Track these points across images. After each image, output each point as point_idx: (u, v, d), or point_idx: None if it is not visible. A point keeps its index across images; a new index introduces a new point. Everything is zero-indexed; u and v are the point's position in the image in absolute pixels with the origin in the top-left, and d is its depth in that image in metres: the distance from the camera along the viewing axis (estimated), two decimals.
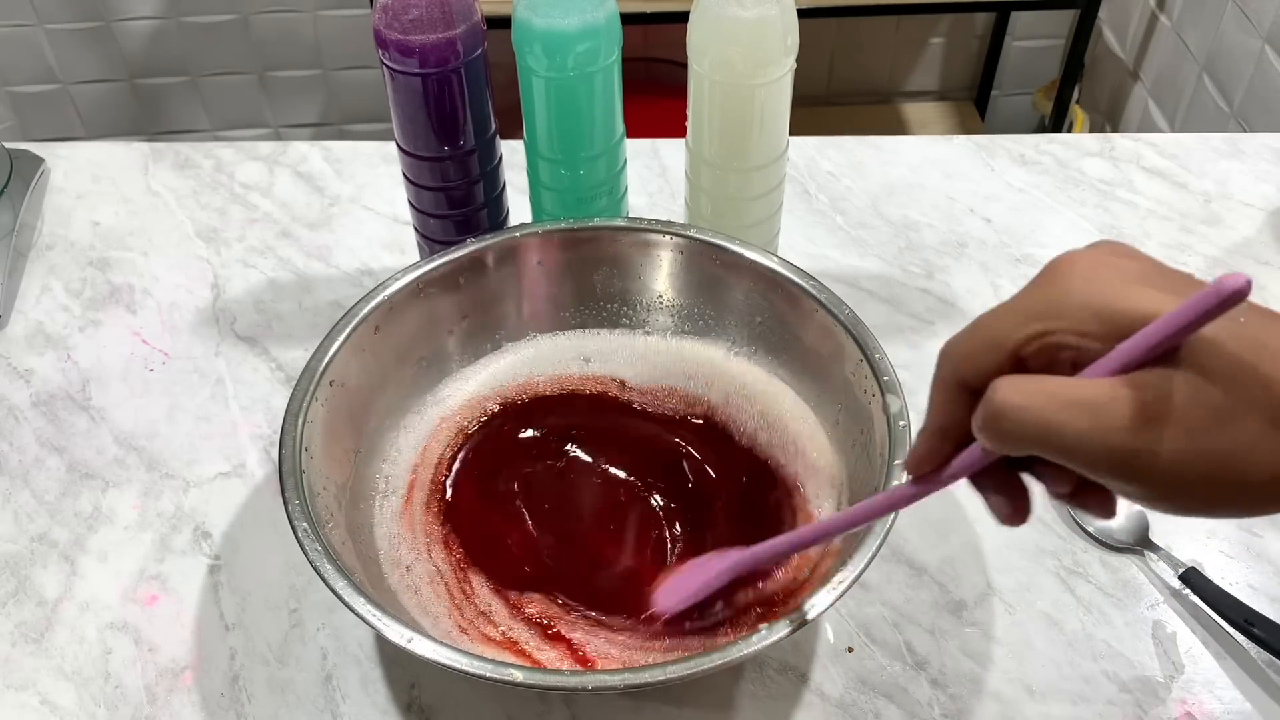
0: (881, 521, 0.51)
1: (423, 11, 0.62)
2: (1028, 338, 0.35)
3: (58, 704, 0.58)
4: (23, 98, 1.93)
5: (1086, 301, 0.34)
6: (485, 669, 0.48)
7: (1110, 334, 0.33)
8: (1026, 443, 0.34)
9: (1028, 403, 0.33)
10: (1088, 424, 0.32)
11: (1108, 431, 0.32)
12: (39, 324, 0.78)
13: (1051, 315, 0.35)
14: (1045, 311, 0.35)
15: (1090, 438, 0.32)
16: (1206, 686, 0.58)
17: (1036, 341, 0.35)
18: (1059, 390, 0.33)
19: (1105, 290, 0.34)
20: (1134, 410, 0.32)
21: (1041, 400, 0.33)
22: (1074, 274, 0.35)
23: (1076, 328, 0.34)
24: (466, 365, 0.68)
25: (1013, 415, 0.33)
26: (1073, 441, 0.33)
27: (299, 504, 0.53)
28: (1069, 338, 0.34)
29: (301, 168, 0.91)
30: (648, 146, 0.91)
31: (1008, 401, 0.33)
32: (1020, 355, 0.35)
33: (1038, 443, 0.33)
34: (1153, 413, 0.32)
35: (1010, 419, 0.33)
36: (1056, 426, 0.33)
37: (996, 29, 1.92)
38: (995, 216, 0.86)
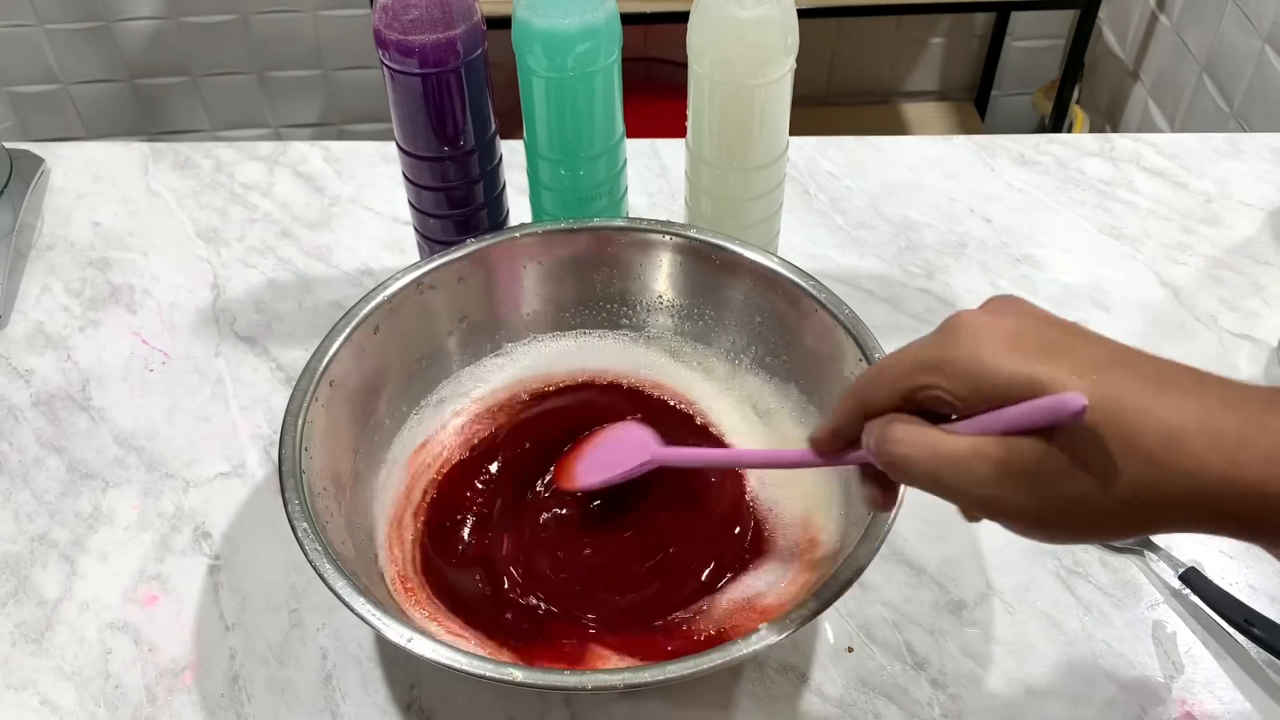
0: (881, 522, 0.51)
1: (423, 11, 0.62)
2: (915, 387, 0.42)
3: (58, 704, 0.58)
4: (23, 98, 1.93)
5: (960, 366, 0.40)
6: (485, 669, 0.48)
7: (976, 400, 0.40)
8: (914, 483, 0.42)
9: (912, 454, 0.41)
10: (958, 476, 0.40)
11: (972, 483, 0.40)
12: (39, 324, 0.78)
13: (936, 371, 0.41)
14: (931, 366, 0.41)
15: (960, 487, 0.40)
16: (1206, 686, 0.58)
17: (922, 391, 0.42)
18: (937, 445, 0.40)
19: (978, 359, 0.40)
20: (990, 468, 0.39)
21: (923, 453, 0.41)
22: (959, 337, 0.41)
23: (951, 389, 0.41)
24: (466, 365, 0.68)
25: (903, 463, 0.41)
26: (949, 486, 0.41)
27: (299, 504, 0.53)
28: (943, 393, 0.41)
29: (301, 168, 0.91)
30: (648, 146, 0.91)
31: (898, 453, 0.41)
32: (911, 396, 0.42)
33: (922, 484, 0.41)
34: (1005, 470, 0.39)
35: (901, 465, 0.42)
36: (936, 476, 0.41)
37: (996, 29, 1.92)
38: (995, 216, 0.86)
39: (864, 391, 0.44)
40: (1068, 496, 0.38)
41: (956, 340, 0.41)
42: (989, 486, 0.39)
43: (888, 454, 0.42)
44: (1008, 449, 0.39)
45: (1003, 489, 0.39)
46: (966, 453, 0.40)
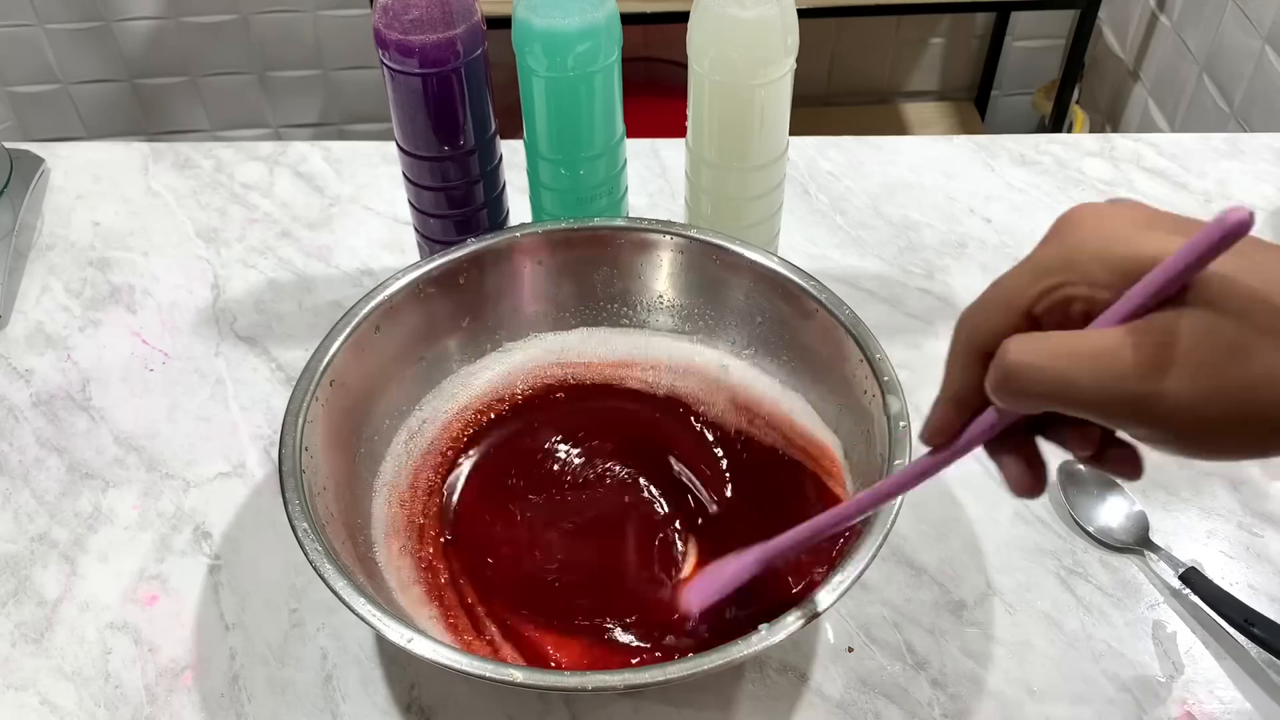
0: (882, 521, 0.51)
1: (423, 11, 0.62)
2: (1039, 294, 0.35)
3: (58, 704, 0.58)
4: (23, 98, 1.93)
5: (1095, 251, 0.34)
6: (485, 669, 0.48)
7: (1119, 282, 0.33)
8: (1041, 399, 0.34)
9: (1037, 360, 0.33)
10: (1098, 373, 0.32)
11: (1118, 378, 0.32)
12: (39, 324, 0.78)
13: (1061, 269, 0.34)
14: (1055, 266, 0.35)
15: (1102, 386, 0.32)
16: (1206, 686, 0.58)
17: (1047, 298, 0.35)
18: (1067, 344, 0.33)
19: (1113, 238, 0.34)
20: (1143, 354, 0.32)
21: (1050, 356, 0.33)
22: (1082, 226, 0.35)
23: (1086, 278, 0.34)
24: (466, 365, 0.68)
25: (1024, 373, 0.33)
26: (1086, 392, 0.33)
27: (299, 504, 0.53)
28: (1079, 289, 0.34)
29: (301, 168, 0.91)
30: (648, 146, 0.91)
31: (1019, 361, 0.33)
32: (1033, 314, 0.35)
33: (1052, 397, 0.33)
34: (1162, 355, 0.32)
35: (1023, 377, 0.33)
36: (1068, 379, 0.33)
37: (996, 29, 1.92)
38: (995, 216, 0.86)
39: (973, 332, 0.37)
40: (1241, 380, 0.32)
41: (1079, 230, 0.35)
42: (1145, 378, 0.32)
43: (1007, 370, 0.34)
44: (1161, 325, 0.32)
45: (1162, 377, 0.32)
46: (1110, 343, 0.32)
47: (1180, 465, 0.68)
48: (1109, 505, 0.65)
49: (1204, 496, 0.66)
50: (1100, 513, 0.65)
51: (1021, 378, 0.33)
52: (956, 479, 0.67)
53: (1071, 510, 0.65)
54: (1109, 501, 0.65)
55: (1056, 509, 0.66)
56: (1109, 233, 0.34)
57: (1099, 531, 0.64)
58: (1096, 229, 0.34)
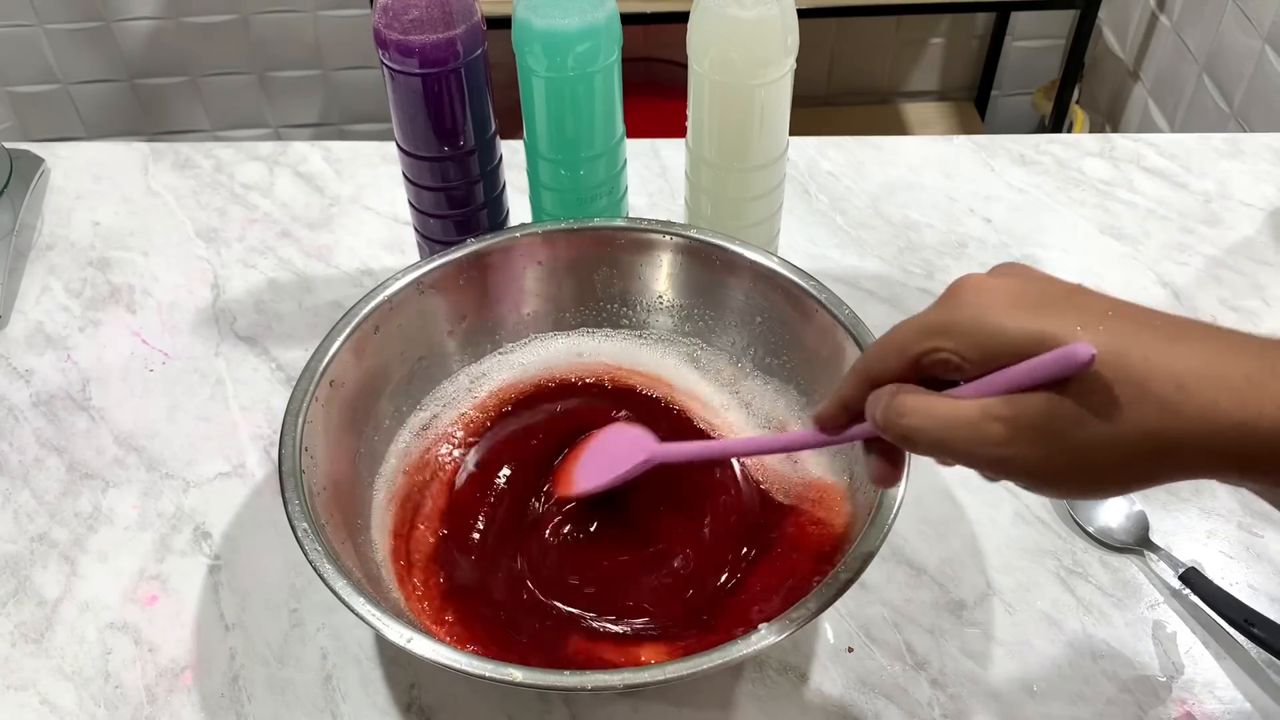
0: (882, 521, 0.51)
1: (423, 11, 0.62)
2: (922, 352, 0.42)
3: (58, 704, 0.58)
4: (23, 98, 1.93)
5: (969, 327, 0.41)
6: (485, 669, 0.48)
7: (984, 359, 0.40)
8: (926, 452, 0.42)
9: (922, 424, 0.41)
10: (968, 440, 0.40)
11: (982, 445, 0.40)
12: (39, 324, 0.78)
13: (940, 336, 0.41)
14: (937, 331, 0.41)
15: (971, 450, 0.40)
16: (1206, 686, 0.58)
17: (929, 356, 0.42)
18: (945, 412, 0.41)
19: (986, 317, 0.40)
20: (999, 427, 0.39)
21: (931, 421, 0.41)
22: (964, 298, 0.41)
23: (958, 350, 0.41)
24: (466, 365, 0.68)
25: (913, 434, 0.41)
26: (958, 452, 0.41)
27: (299, 504, 0.53)
28: (952, 356, 0.41)
29: (301, 168, 0.91)
30: (648, 146, 0.91)
31: (908, 425, 0.41)
32: (919, 364, 0.42)
33: (933, 452, 0.42)
34: (1014, 428, 0.39)
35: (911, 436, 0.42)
36: (947, 443, 0.41)
37: (996, 29, 1.92)
38: (995, 216, 0.86)
39: (870, 363, 0.44)
40: (1079, 446, 0.38)
41: (961, 301, 0.41)
42: (1001, 446, 0.39)
43: (897, 426, 0.42)
44: (1017, 406, 0.39)
45: (1015, 447, 0.39)
46: (975, 415, 0.40)
47: None
48: (1109, 505, 0.65)
49: (1204, 496, 0.66)
50: (1100, 513, 0.65)
51: (911, 438, 0.42)
52: (957, 479, 0.67)
53: (1071, 510, 0.65)
54: (1109, 502, 0.65)
55: (1056, 509, 0.66)
56: (983, 311, 0.40)
57: (1099, 531, 0.64)
58: (975, 304, 0.41)
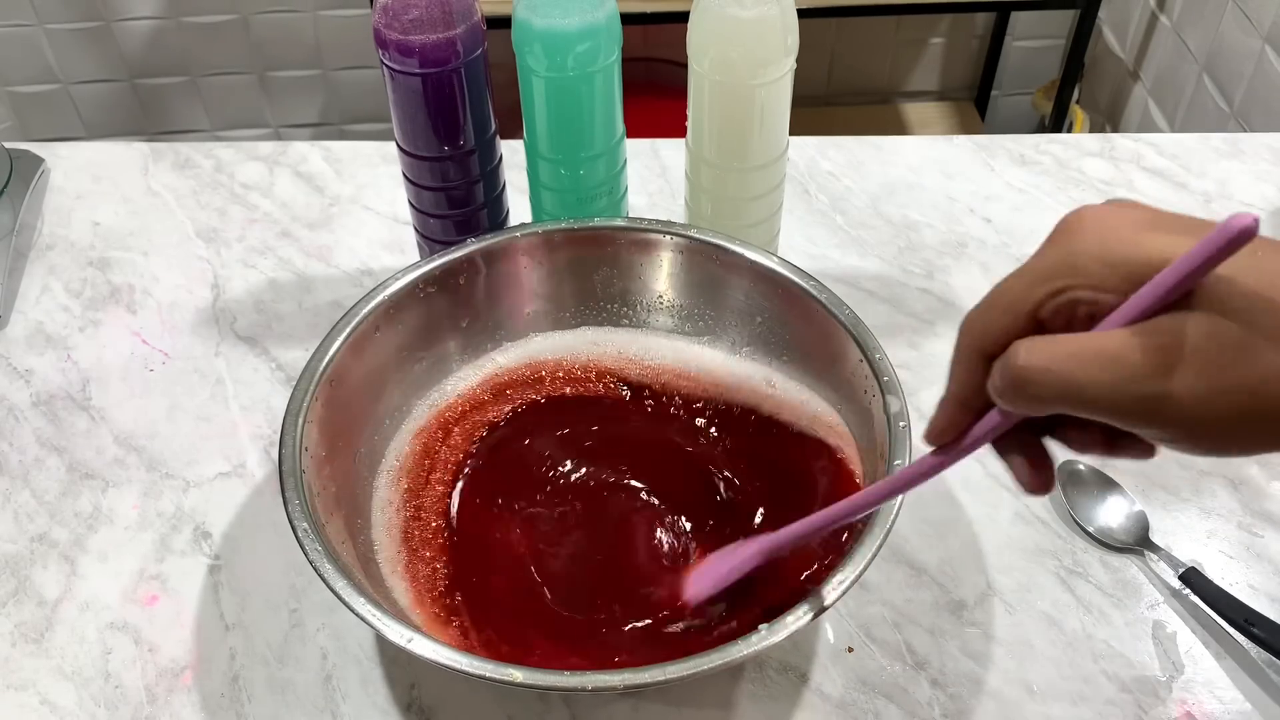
0: (882, 521, 0.51)
1: (423, 11, 0.62)
2: (1044, 297, 0.35)
3: (58, 704, 0.58)
4: (23, 98, 1.93)
5: (1098, 254, 0.34)
6: (485, 669, 0.48)
7: (1124, 284, 0.34)
8: (1051, 402, 0.34)
9: (1046, 363, 0.33)
10: (1108, 376, 0.33)
11: (1128, 381, 0.33)
12: (39, 324, 0.78)
13: (1065, 273, 0.35)
14: (1058, 270, 0.35)
15: (1112, 389, 0.33)
16: (1206, 686, 0.58)
17: (1052, 301, 0.35)
18: (1076, 347, 0.33)
19: (1116, 241, 0.34)
20: (1150, 356, 0.32)
21: (1059, 359, 0.33)
22: (1084, 229, 0.35)
23: (1090, 281, 0.34)
24: (467, 365, 0.68)
25: (1035, 377, 0.34)
26: (1096, 394, 0.33)
27: (299, 504, 0.53)
28: (1084, 293, 0.34)
29: (301, 168, 0.91)
30: (648, 146, 0.91)
31: (1029, 364, 0.34)
32: (1038, 317, 0.36)
33: (1062, 401, 0.34)
34: (1170, 356, 0.32)
35: (1033, 381, 0.34)
36: (1078, 383, 0.33)
37: (996, 29, 1.92)
38: (995, 216, 0.86)
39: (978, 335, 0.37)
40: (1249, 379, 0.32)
41: (1082, 233, 0.35)
42: (1153, 379, 0.32)
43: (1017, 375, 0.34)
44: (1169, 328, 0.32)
45: (1171, 379, 0.32)
46: (1118, 345, 0.33)
47: (1181, 465, 0.68)
48: (1109, 505, 0.65)
49: (1204, 496, 0.66)
50: (1100, 513, 0.65)
51: (1032, 381, 0.34)
52: (957, 479, 0.67)
53: (1071, 510, 0.65)
54: (1109, 501, 0.65)
55: (1056, 509, 0.66)
56: (1112, 235, 0.34)
57: (1099, 531, 0.64)
58: (1099, 231, 0.35)
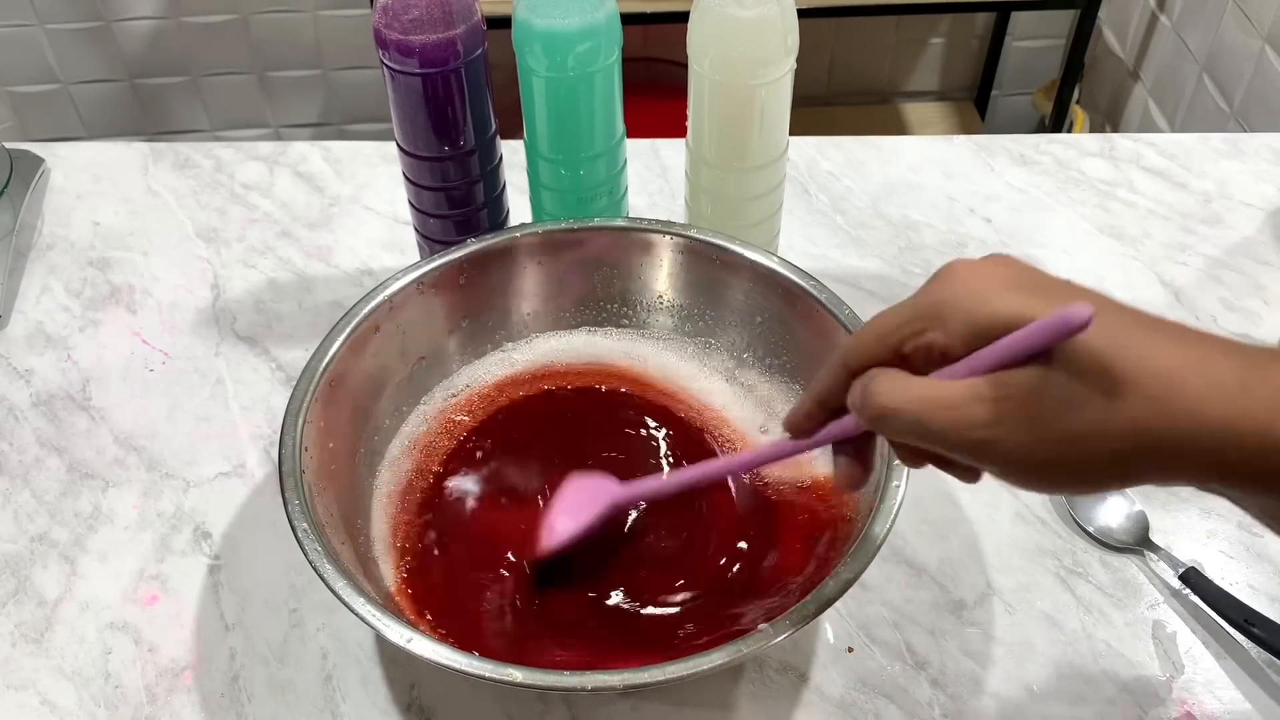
0: (882, 521, 0.51)
1: (423, 11, 0.62)
2: (908, 335, 0.40)
3: (58, 704, 0.58)
4: (23, 98, 1.93)
5: (958, 306, 0.39)
6: (485, 669, 0.48)
7: (972, 338, 0.38)
8: (902, 435, 0.40)
9: (900, 405, 0.39)
10: (948, 421, 0.38)
11: (964, 428, 0.38)
12: (39, 324, 0.78)
13: (927, 317, 0.40)
14: (923, 314, 0.40)
15: (951, 432, 0.38)
16: (1206, 686, 0.58)
17: (913, 340, 0.40)
18: (926, 393, 0.39)
19: (975, 298, 0.39)
20: (985, 408, 0.37)
21: (909, 401, 0.39)
22: (954, 280, 0.40)
23: (946, 330, 0.39)
24: (466, 365, 0.68)
25: (890, 415, 0.39)
26: (937, 435, 0.38)
27: (299, 504, 0.53)
28: (938, 338, 0.39)
29: (301, 168, 0.91)
30: (648, 146, 0.91)
31: (886, 405, 0.39)
32: (901, 351, 0.41)
33: (909, 435, 0.40)
34: (1000, 409, 0.37)
35: (888, 418, 0.40)
36: (923, 424, 0.39)
37: (996, 29, 1.92)
38: (995, 216, 0.86)
39: (848, 353, 0.43)
40: (1067, 433, 0.37)
41: (950, 284, 0.40)
42: (984, 428, 0.37)
43: (874, 407, 0.40)
44: (1004, 384, 0.37)
45: (999, 429, 0.37)
46: (960, 395, 0.38)
47: None
48: (1109, 505, 0.65)
49: (1204, 496, 0.66)
50: (1100, 513, 0.65)
51: (887, 417, 0.40)
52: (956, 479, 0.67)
53: (1071, 510, 0.65)
54: (1109, 501, 0.65)
55: (1056, 509, 0.66)
56: (974, 291, 0.39)
57: (1099, 531, 0.64)
58: (965, 286, 0.39)
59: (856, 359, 0.42)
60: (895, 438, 0.41)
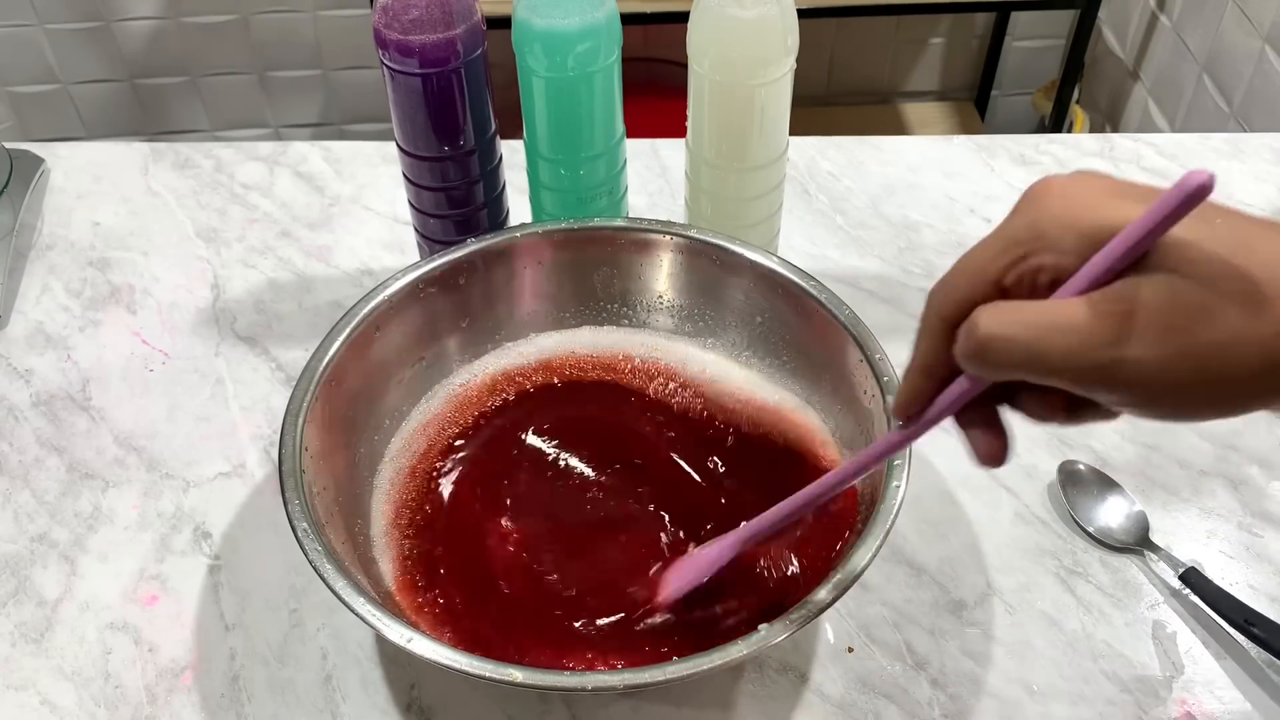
0: (882, 521, 0.51)
1: (423, 11, 0.62)
2: (1008, 264, 0.36)
3: (58, 704, 0.58)
4: (23, 98, 1.93)
5: (1062, 221, 0.34)
6: (485, 669, 0.48)
7: (1086, 249, 0.34)
8: (1012, 368, 0.35)
9: (1007, 331, 0.34)
10: (1067, 343, 0.33)
11: (1086, 347, 0.33)
12: (39, 324, 0.78)
13: (1029, 240, 0.35)
14: (1023, 237, 0.35)
15: (1071, 355, 0.33)
16: (1206, 686, 0.58)
17: (1015, 268, 0.35)
18: (1037, 315, 0.34)
19: (1080, 208, 0.34)
20: (1109, 323, 0.33)
21: (1019, 326, 0.34)
22: (1049, 197, 0.35)
23: (1053, 248, 0.34)
24: (466, 365, 0.68)
25: (995, 345, 0.34)
26: (1055, 361, 0.33)
27: (299, 504, 0.53)
28: (1046, 258, 0.35)
29: (301, 168, 0.91)
30: (648, 146, 0.91)
31: (990, 333, 0.34)
32: (1002, 284, 0.36)
33: (1022, 366, 0.34)
34: (1127, 322, 0.33)
35: (994, 349, 0.34)
36: (1038, 350, 0.33)
37: (996, 29, 1.92)
38: (995, 216, 0.86)
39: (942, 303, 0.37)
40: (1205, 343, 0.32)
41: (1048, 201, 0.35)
42: (1111, 346, 0.32)
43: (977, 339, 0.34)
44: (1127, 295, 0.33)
45: (1129, 346, 0.32)
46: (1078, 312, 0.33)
47: (1181, 465, 0.68)
48: (1109, 505, 0.65)
49: (1204, 496, 0.66)
50: (1100, 513, 0.65)
51: (993, 349, 0.34)
52: (956, 479, 0.67)
53: (1071, 510, 0.65)
54: (1109, 501, 0.65)
55: (1056, 509, 0.66)
56: (1076, 202, 0.35)
57: (1099, 531, 0.64)
58: (1064, 199, 0.35)
59: (952, 307, 0.37)
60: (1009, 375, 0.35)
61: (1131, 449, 0.69)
